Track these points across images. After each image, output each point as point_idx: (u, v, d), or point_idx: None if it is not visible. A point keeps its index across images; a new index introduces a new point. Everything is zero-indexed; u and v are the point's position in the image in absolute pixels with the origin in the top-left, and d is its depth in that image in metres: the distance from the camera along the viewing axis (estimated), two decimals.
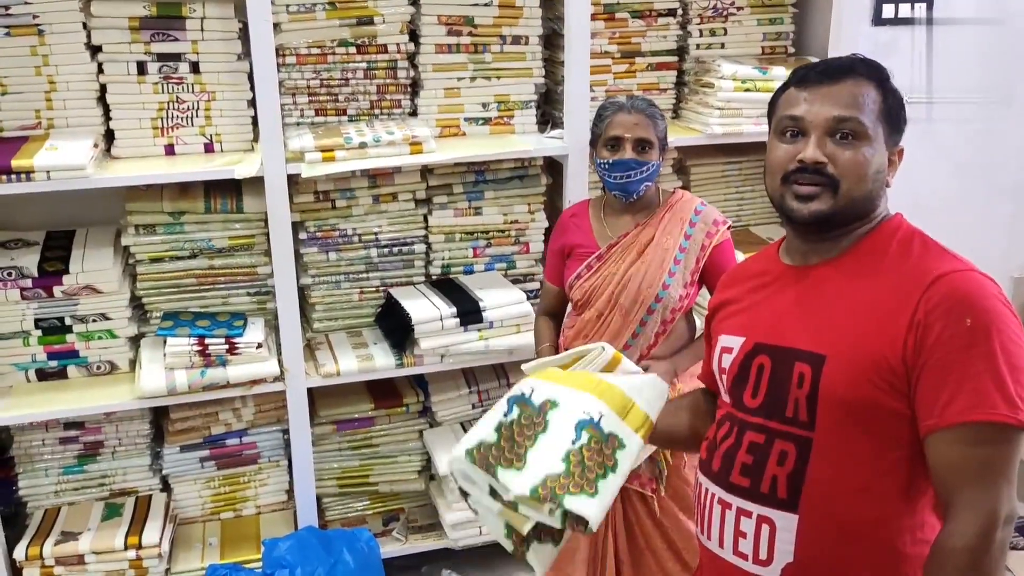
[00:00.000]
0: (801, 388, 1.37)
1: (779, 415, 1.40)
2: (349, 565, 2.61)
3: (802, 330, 1.40)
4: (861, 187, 1.39)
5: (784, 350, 1.41)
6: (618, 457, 1.42)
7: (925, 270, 1.33)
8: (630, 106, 2.28)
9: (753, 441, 1.43)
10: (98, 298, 2.60)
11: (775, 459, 1.40)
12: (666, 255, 2.28)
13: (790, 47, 3.07)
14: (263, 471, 2.91)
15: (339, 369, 2.71)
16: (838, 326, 1.37)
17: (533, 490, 1.38)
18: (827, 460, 1.36)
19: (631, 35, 2.90)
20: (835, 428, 1.35)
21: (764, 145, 3.20)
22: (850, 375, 1.33)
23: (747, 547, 1.43)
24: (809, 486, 1.37)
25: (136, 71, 2.54)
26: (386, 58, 2.71)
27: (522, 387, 1.53)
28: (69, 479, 2.78)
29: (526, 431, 1.46)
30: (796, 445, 1.38)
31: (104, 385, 2.65)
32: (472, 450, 1.45)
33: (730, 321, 1.55)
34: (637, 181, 2.27)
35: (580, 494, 1.37)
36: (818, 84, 1.42)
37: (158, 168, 2.53)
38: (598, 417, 1.44)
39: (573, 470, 1.39)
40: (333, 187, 2.73)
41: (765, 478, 1.41)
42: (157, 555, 2.63)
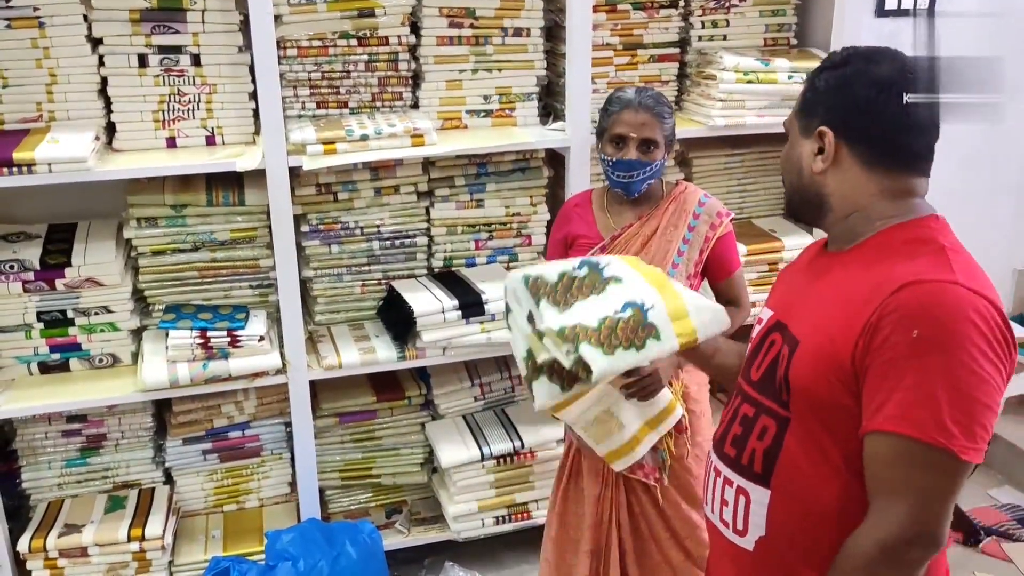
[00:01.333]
0: (779, 368, 1.40)
1: (771, 391, 1.43)
2: (352, 557, 2.62)
3: (798, 313, 1.43)
4: (788, 179, 1.49)
5: (788, 332, 1.43)
6: (648, 343, 1.49)
7: (897, 275, 1.28)
8: (638, 103, 2.23)
9: (745, 413, 1.47)
10: (100, 291, 2.60)
11: (757, 433, 1.43)
12: (670, 247, 2.28)
13: (792, 39, 3.06)
14: (266, 464, 2.92)
15: (341, 362, 2.71)
16: (816, 315, 1.38)
17: (561, 328, 1.48)
18: (797, 442, 1.38)
19: (633, 27, 2.90)
20: (803, 413, 1.37)
21: (766, 137, 3.22)
22: (811, 364, 1.35)
23: (728, 515, 1.48)
24: (780, 464, 1.39)
25: (137, 64, 2.54)
26: (387, 50, 2.70)
27: (600, 258, 1.63)
28: (72, 472, 2.78)
29: (584, 289, 1.56)
30: (776, 422, 1.41)
31: (106, 378, 2.65)
32: (530, 277, 1.56)
33: (774, 294, 1.58)
34: (639, 181, 2.26)
35: (597, 347, 1.45)
36: None
37: (159, 161, 2.53)
38: (649, 306, 1.51)
39: (602, 329, 1.48)
40: (335, 180, 2.73)
41: (747, 450, 1.45)
42: (160, 547, 2.64)
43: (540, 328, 1.50)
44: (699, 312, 1.57)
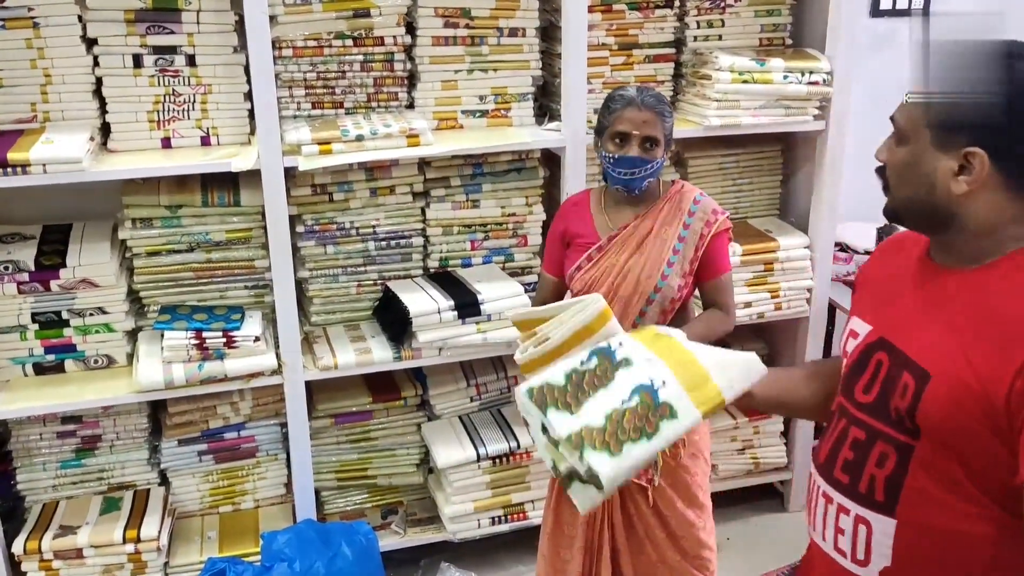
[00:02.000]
0: (903, 399, 1.31)
1: (885, 416, 1.34)
2: (348, 558, 2.61)
3: (918, 338, 1.33)
4: (900, 189, 1.37)
5: (900, 353, 1.35)
6: (661, 425, 1.42)
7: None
8: (640, 101, 2.24)
9: (856, 437, 1.39)
10: (95, 292, 2.60)
11: (875, 460, 1.35)
12: (664, 246, 2.29)
13: (788, 39, 3.06)
14: (261, 465, 2.91)
15: (337, 362, 2.71)
16: (949, 345, 1.27)
17: (568, 436, 1.43)
18: (926, 471, 1.30)
19: (628, 27, 2.90)
20: (934, 446, 1.29)
21: (761, 138, 3.23)
22: (950, 404, 1.25)
23: (845, 544, 1.40)
24: (907, 494, 1.32)
25: (132, 64, 2.53)
26: (383, 50, 2.70)
27: (611, 341, 1.57)
28: (67, 473, 2.77)
29: (595, 382, 1.50)
30: (897, 449, 1.33)
31: (102, 379, 2.65)
32: (534, 389, 1.50)
33: (866, 304, 1.48)
34: (640, 178, 2.27)
35: (602, 451, 1.40)
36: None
37: (155, 161, 2.53)
38: (659, 385, 1.45)
39: (608, 427, 1.42)
40: (330, 180, 2.73)
41: (864, 477, 1.36)
42: (156, 549, 2.63)
43: (554, 437, 1.45)
44: (724, 369, 1.50)
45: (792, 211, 3.24)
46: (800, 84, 2.86)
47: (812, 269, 3.12)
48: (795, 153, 3.20)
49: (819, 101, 2.94)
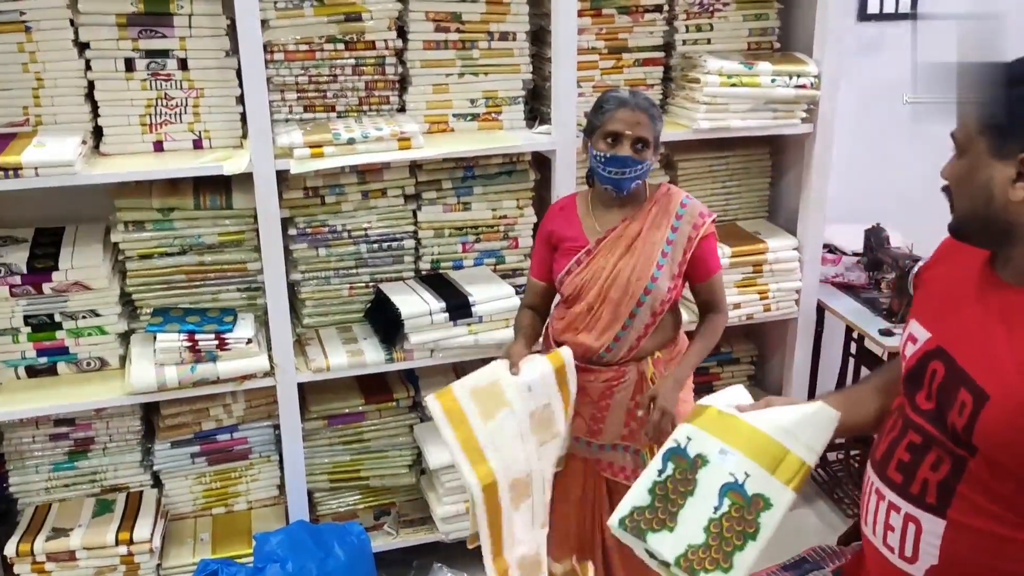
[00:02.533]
0: (961, 416, 1.31)
1: (941, 425, 1.36)
2: (340, 559, 2.62)
3: (976, 354, 1.32)
4: (963, 201, 1.34)
5: (957, 368, 1.35)
6: (761, 520, 1.42)
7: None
8: (633, 103, 2.25)
9: (912, 440, 1.41)
10: (88, 295, 2.61)
11: (930, 464, 1.37)
12: (654, 248, 2.30)
13: (776, 43, 3.09)
14: (254, 466, 2.92)
15: (329, 364, 2.72)
16: (1010, 366, 1.27)
17: (676, 560, 1.44)
18: (979, 484, 1.32)
19: (618, 31, 2.92)
20: (991, 462, 1.30)
21: (750, 140, 3.25)
22: (1010, 424, 1.25)
23: (894, 541, 1.43)
24: (959, 499, 1.34)
25: (124, 68, 2.54)
26: (374, 54, 2.72)
27: (678, 436, 1.55)
28: (60, 476, 2.78)
29: (680, 488, 1.49)
30: (952, 458, 1.35)
31: (94, 381, 2.65)
32: (624, 518, 1.50)
33: (926, 308, 1.48)
34: (630, 179, 2.28)
35: (715, 570, 1.40)
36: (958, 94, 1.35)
37: (147, 165, 2.54)
38: (743, 479, 1.44)
39: (711, 543, 1.42)
40: (322, 183, 2.74)
41: (917, 479, 1.39)
42: (148, 551, 2.64)
43: (662, 560, 1.47)
44: (797, 433, 1.49)
45: (781, 213, 3.27)
46: (788, 88, 2.89)
47: (801, 271, 3.14)
48: (783, 156, 3.22)
49: (807, 104, 2.96)
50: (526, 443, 2.24)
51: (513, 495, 2.22)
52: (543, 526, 2.36)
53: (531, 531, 2.31)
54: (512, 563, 2.26)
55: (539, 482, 2.30)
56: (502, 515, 2.20)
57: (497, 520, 2.20)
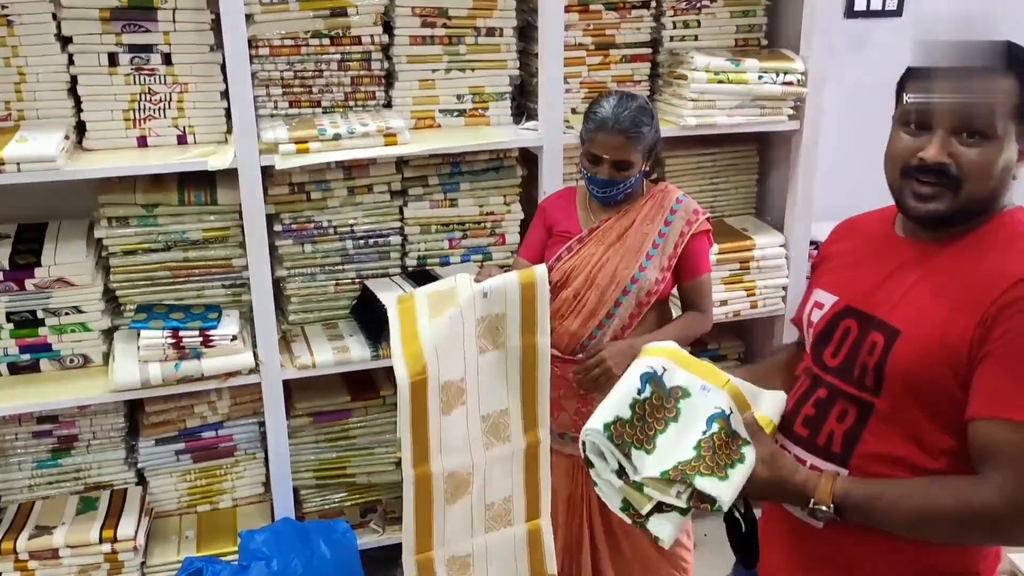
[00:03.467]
0: (871, 356, 1.42)
1: (848, 376, 1.46)
2: (326, 557, 2.62)
3: (887, 302, 1.44)
4: (983, 187, 1.37)
5: (868, 317, 1.46)
6: (744, 451, 1.46)
7: (1012, 268, 1.33)
8: (612, 125, 2.21)
9: (819, 396, 1.51)
10: (71, 291, 2.59)
11: (835, 415, 1.47)
12: (645, 240, 2.32)
13: (763, 40, 3.09)
14: (239, 464, 2.91)
15: (315, 361, 2.71)
16: (919, 304, 1.40)
17: (663, 472, 1.44)
18: (883, 426, 1.42)
19: (605, 27, 2.91)
20: (896, 399, 1.40)
21: (737, 138, 3.25)
22: (918, 352, 1.37)
23: None
24: (862, 445, 1.43)
25: (107, 62, 2.52)
26: (360, 50, 2.70)
27: (653, 364, 1.56)
28: (43, 473, 2.76)
29: (657, 414, 1.51)
30: (857, 407, 1.45)
31: (77, 378, 2.63)
32: (610, 424, 1.49)
33: (830, 278, 1.58)
34: (614, 195, 2.30)
35: (711, 476, 1.42)
36: (950, 74, 1.36)
37: (131, 160, 2.52)
38: (729, 412, 1.48)
39: (704, 454, 1.44)
40: (308, 179, 2.73)
41: (823, 431, 1.48)
42: (132, 548, 2.62)
43: (636, 479, 1.46)
44: (759, 401, 1.55)
45: (768, 210, 3.27)
46: (775, 84, 2.89)
47: (788, 267, 3.15)
48: (770, 152, 3.23)
49: (794, 101, 2.97)
50: (467, 345, 2.13)
51: (444, 399, 2.12)
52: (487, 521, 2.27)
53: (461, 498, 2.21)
54: (437, 472, 2.16)
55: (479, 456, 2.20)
56: (428, 419, 2.11)
57: (423, 422, 2.10)
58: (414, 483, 2.15)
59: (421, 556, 2.22)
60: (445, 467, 2.16)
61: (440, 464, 2.15)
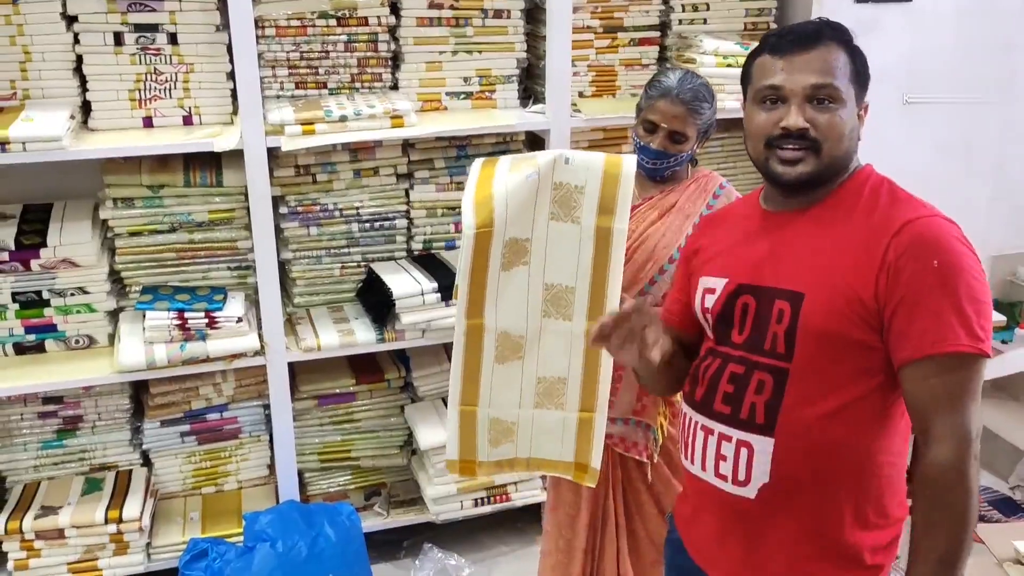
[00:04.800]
0: (780, 323, 1.49)
1: (759, 348, 1.53)
2: (330, 539, 2.62)
3: (781, 271, 1.52)
4: (840, 146, 1.50)
5: (765, 289, 1.53)
6: None
7: (894, 216, 1.46)
8: (676, 93, 2.18)
9: (734, 372, 1.56)
10: (76, 272, 2.58)
11: (754, 388, 1.52)
12: (686, 221, 2.28)
13: (772, 23, 3.06)
14: (244, 446, 2.91)
15: (320, 344, 2.71)
16: (815, 266, 1.49)
17: None
18: (802, 387, 1.48)
19: (613, 10, 2.89)
20: (811, 358, 1.47)
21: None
22: (826, 310, 1.45)
23: (727, 469, 1.55)
24: (784, 412, 1.49)
25: (113, 42, 2.51)
26: (367, 31, 2.69)
27: None
28: (48, 454, 2.76)
29: None
30: (773, 375, 1.50)
31: (83, 359, 2.63)
32: None
33: (712, 263, 1.65)
34: (662, 168, 2.26)
35: None
36: (791, 52, 1.51)
37: (136, 140, 2.51)
38: None
39: None
40: (314, 161, 2.72)
41: (744, 405, 1.53)
42: (138, 529, 2.63)
43: None
44: None
45: None
46: None
47: None
48: None
49: None
50: (539, 204, 2.06)
51: (506, 254, 2.07)
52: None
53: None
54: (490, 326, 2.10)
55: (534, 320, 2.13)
56: (488, 272, 2.06)
57: (481, 274, 2.05)
58: (465, 333, 2.09)
59: (465, 408, 2.18)
60: (499, 324, 2.11)
61: (494, 319, 2.10)
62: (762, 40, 1.58)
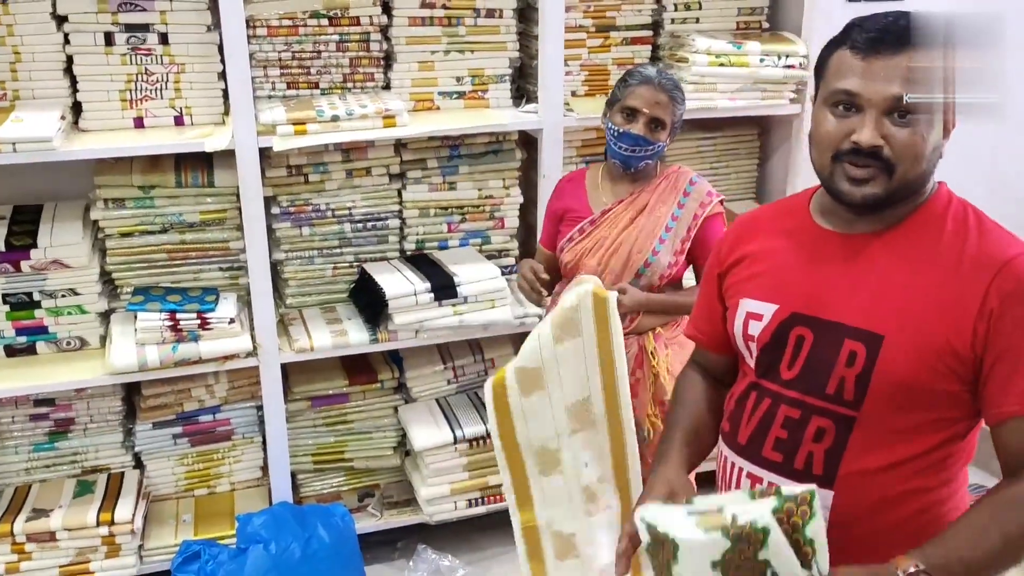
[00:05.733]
0: (851, 367, 1.32)
1: (818, 391, 1.36)
2: (324, 540, 2.61)
3: (852, 305, 1.34)
4: (916, 168, 1.31)
5: (829, 324, 1.35)
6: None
7: (991, 253, 1.29)
8: (657, 82, 2.26)
9: (789, 416, 1.39)
10: (67, 273, 2.57)
11: (811, 435, 1.36)
12: (658, 222, 2.31)
13: (764, 22, 3.06)
14: (237, 447, 2.90)
15: (313, 344, 2.70)
16: (897, 306, 1.31)
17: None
18: (869, 438, 1.33)
19: (606, 9, 2.89)
20: (884, 407, 1.32)
21: (737, 122, 3.23)
22: (911, 359, 1.29)
23: None
24: (846, 463, 1.34)
25: (104, 42, 2.49)
26: (359, 31, 2.68)
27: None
28: (40, 456, 2.75)
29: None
30: (835, 422, 1.35)
31: (74, 361, 2.62)
32: None
33: (756, 282, 1.46)
34: (640, 157, 2.29)
35: None
36: (875, 52, 1.29)
37: (127, 141, 2.50)
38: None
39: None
40: (306, 161, 2.71)
41: (800, 454, 1.37)
42: (130, 531, 2.61)
43: None
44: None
45: (769, 194, 3.26)
46: (776, 67, 2.87)
47: None
48: (771, 136, 3.21)
49: (795, 85, 2.94)
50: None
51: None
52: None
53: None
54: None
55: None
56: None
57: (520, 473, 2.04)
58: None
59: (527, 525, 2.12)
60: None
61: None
62: (845, 28, 1.35)
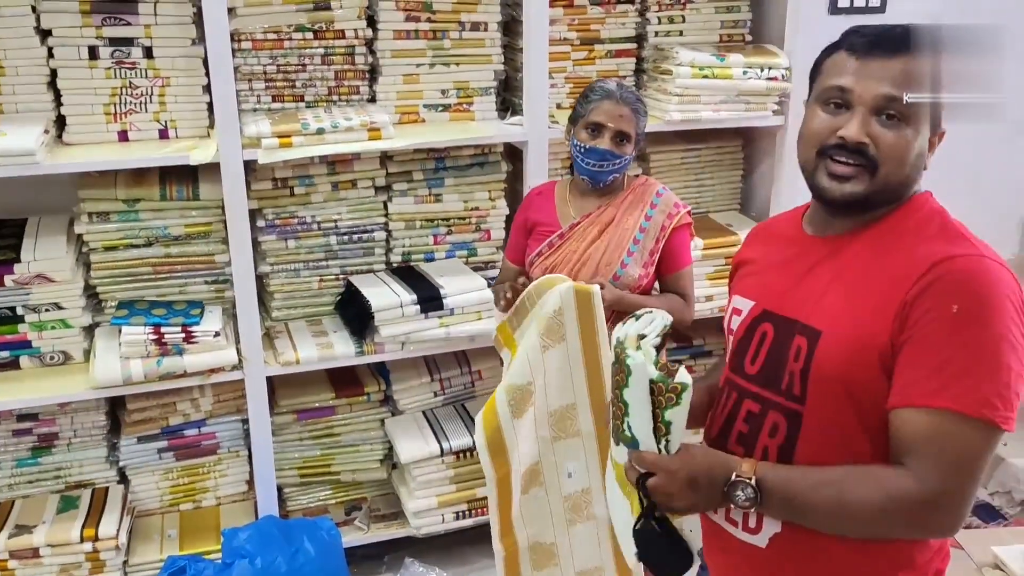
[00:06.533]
0: (797, 361, 1.36)
1: (775, 386, 1.41)
2: (310, 554, 2.60)
3: (805, 302, 1.39)
4: (900, 171, 1.33)
5: (786, 320, 1.40)
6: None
7: (929, 252, 1.29)
8: (619, 96, 2.29)
9: (750, 410, 1.44)
10: (51, 287, 2.56)
11: (767, 430, 1.41)
12: (626, 235, 2.32)
13: (747, 35, 3.09)
14: (223, 461, 2.88)
15: (299, 357, 2.69)
16: (836, 302, 1.35)
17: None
18: (815, 434, 1.36)
19: (590, 22, 2.91)
20: (825, 403, 1.35)
21: (721, 133, 3.25)
22: (842, 353, 1.32)
23: (737, 515, 1.44)
24: (798, 460, 1.37)
25: (88, 56, 2.49)
26: (344, 44, 2.69)
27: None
28: (23, 472, 2.73)
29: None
30: (787, 417, 1.39)
31: (58, 376, 2.60)
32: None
33: (746, 281, 1.54)
34: (607, 171, 2.31)
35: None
36: (870, 54, 1.32)
37: (111, 154, 2.49)
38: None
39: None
40: (291, 174, 2.71)
41: (758, 448, 1.42)
42: (114, 547, 2.59)
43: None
44: None
45: (753, 205, 3.28)
46: (759, 80, 2.89)
47: None
48: (755, 148, 3.23)
49: (778, 97, 2.97)
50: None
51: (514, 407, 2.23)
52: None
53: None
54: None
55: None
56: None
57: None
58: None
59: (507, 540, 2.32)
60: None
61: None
62: (842, 35, 1.39)
